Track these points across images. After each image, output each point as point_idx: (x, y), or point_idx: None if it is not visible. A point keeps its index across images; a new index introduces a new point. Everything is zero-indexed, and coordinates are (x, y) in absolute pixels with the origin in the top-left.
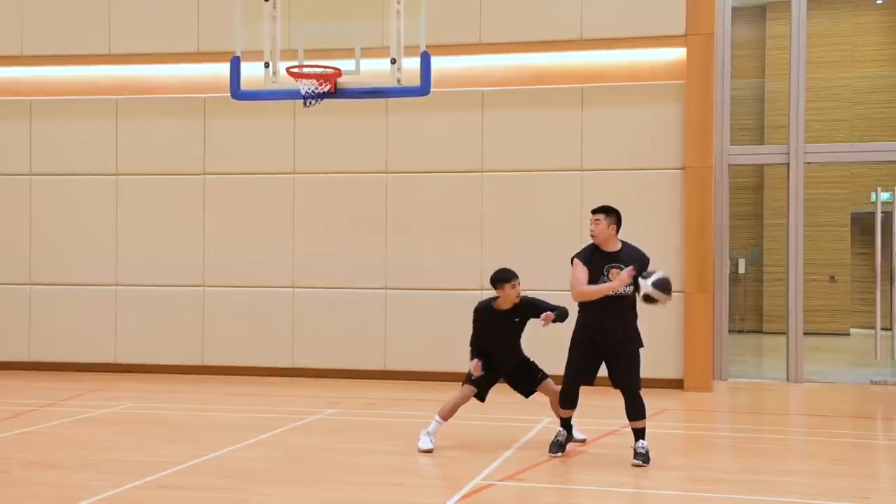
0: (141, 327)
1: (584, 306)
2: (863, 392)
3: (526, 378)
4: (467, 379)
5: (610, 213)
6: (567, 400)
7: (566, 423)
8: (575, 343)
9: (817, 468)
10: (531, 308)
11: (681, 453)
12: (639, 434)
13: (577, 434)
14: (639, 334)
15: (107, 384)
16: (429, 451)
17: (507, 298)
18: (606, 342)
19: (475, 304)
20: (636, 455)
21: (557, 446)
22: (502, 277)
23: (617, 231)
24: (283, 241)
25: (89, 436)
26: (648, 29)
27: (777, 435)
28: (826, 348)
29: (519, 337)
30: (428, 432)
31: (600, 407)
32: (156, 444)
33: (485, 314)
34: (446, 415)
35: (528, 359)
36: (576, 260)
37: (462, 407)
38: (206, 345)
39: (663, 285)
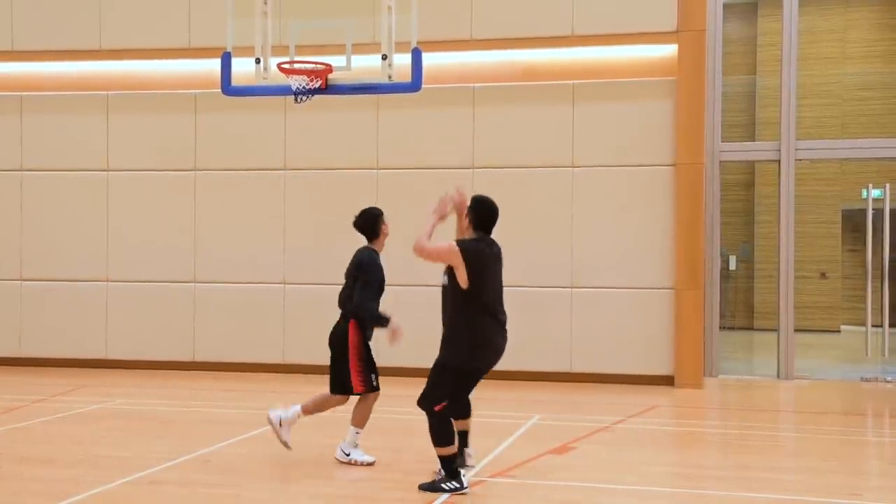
0: (132, 323)
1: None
2: (853, 389)
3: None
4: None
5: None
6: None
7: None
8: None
9: (808, 465)
10: None
11: (671, 450)
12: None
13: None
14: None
15: (97, 380)
16: (371, 464)
17: (383, 241)
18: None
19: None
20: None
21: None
22: (377, 212)
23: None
24: (273, 237)
25: (80, 431)
26: (640, 25)
27: (768, 432)
28: (817, 345)
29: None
30: (354, 444)
31: (592, 403)
32: (146, 439)
33: (377, 261)
34: (362, 423)
35: None
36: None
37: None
38: (197, 341)
39: None
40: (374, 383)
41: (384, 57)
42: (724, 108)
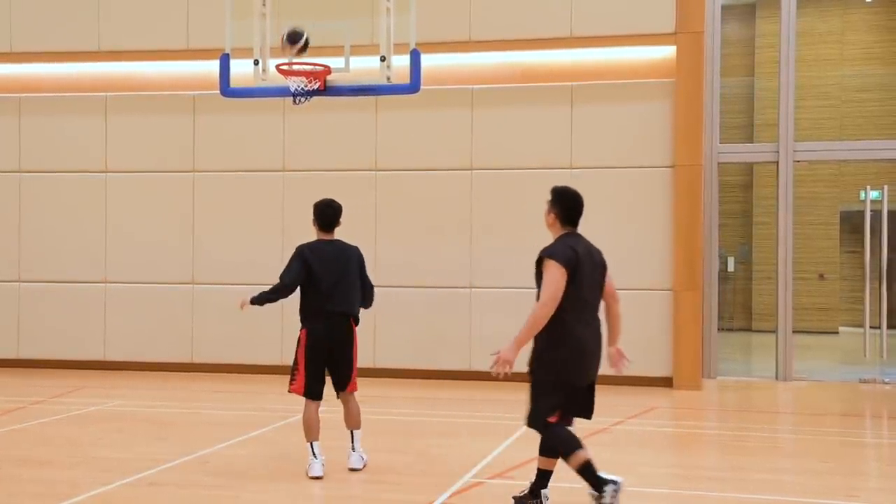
0: (130, 324)
1: None
2: (852, 390)
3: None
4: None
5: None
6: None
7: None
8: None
9: (806, 466)
10: None
11: (670, 451)
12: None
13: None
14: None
15: (96, 381)
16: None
17: None
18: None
19: (464, 301)
20: None
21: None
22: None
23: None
24: (272, 239)
25: (78, 433)
26: (638, 27)
27: (766, 433)
28: (815, 346)
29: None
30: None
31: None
32: (145, 441)
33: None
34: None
35: None
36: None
37: (451, 405)
38: (196, 342)
39: None
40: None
41: (383, 58)
42: (722, 110)
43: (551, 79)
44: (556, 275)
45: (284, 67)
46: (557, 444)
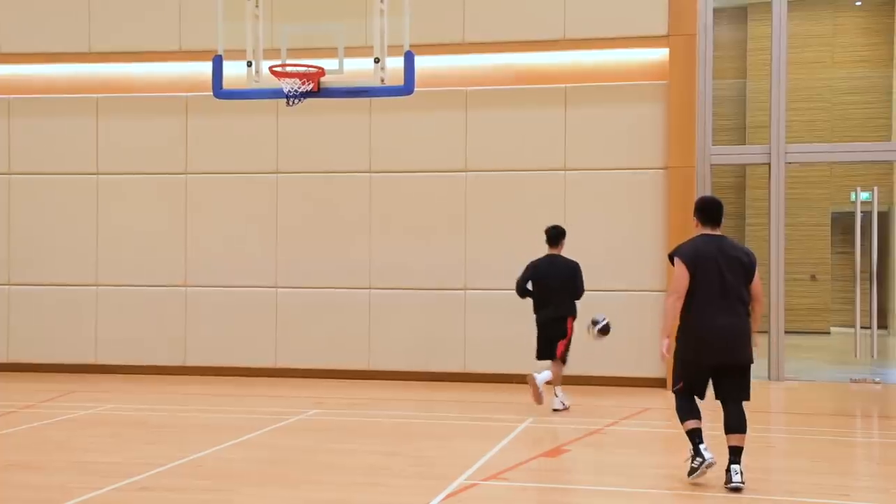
0: (122, 327)
1: None
2: (843, 390)
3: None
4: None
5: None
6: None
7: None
8: None
9: (798, 465)
10: None
11: (664, 452)
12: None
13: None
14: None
15: (87, 385)
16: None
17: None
18: None
19: (461, 302)
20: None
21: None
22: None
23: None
24: (266, 241)
25: (69, 437)
26: (631, 29)
27: (758, 433)
28: (807, 347)
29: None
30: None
31: (584, 406)
32: (137, 445)
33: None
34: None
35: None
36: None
37: (446, 406)
38: (188, 345)
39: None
40: None
41: (377, 60)
42: (714, 112)
43: (545, 81)
44: (678, 274)
45: (278, 69)
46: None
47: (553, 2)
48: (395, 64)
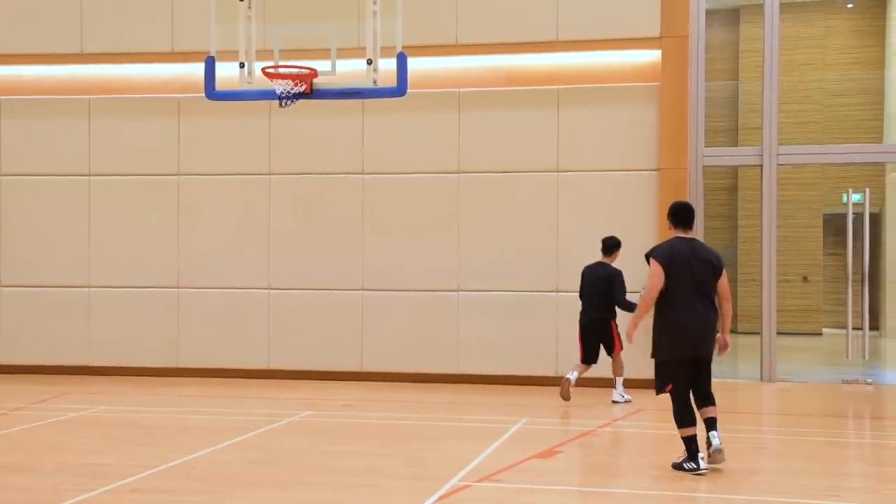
0: (114, 329)
1: None
2: (835, 391)
3: None
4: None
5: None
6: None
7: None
8: None
9: (790, 466)
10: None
11: (655, 453)
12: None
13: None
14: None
15: (80, 387)
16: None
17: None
18: None
19: (454, 304)
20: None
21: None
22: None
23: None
24: (258, 242)
25: (61, 439)
26: (624, 31)
27: (750, 434)
28: (799, 348)
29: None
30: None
31: (577, 406)
32: (129, 447)
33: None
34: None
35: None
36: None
37: (439, 408)
38: (181, 346)
39: None
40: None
41: (369, 61)
42: (707, 114)
43: (538, 82)
44: (652, 273)
45: (270, 70)
46: None
47: (546, 4)
48: (388, 65)
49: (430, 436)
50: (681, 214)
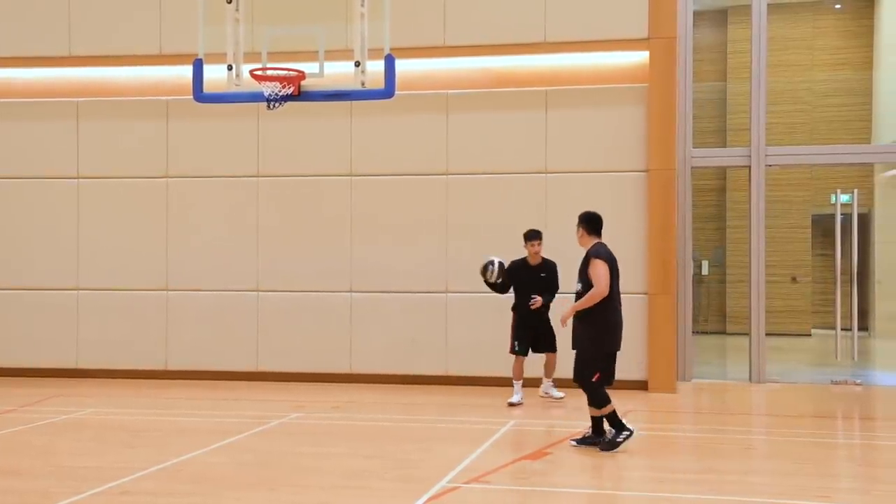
0: (103, 331)
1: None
2: (823, 392)
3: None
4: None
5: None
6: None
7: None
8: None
9: (779, 467)
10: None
11: (645, 454)
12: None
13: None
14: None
15: (68, 390)
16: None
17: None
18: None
19: (442, 305)
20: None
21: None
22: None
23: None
24: (247, 244)
25: (50, 442)
26: (611, 32)
27: (740, 435)
28: (788, 349)
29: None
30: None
31: (566, 408)
32: (118, 449)
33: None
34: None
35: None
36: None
37: (427, 410)
38: (170, 349)
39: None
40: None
41: (357, 63)
42: (695, 115)
43: (526, 83)
44: (601, 271)
45: (258, 72)
46: None
47: (533, 5)
48: (376, 67)
49: (419, 437)
50: (599, 222)
